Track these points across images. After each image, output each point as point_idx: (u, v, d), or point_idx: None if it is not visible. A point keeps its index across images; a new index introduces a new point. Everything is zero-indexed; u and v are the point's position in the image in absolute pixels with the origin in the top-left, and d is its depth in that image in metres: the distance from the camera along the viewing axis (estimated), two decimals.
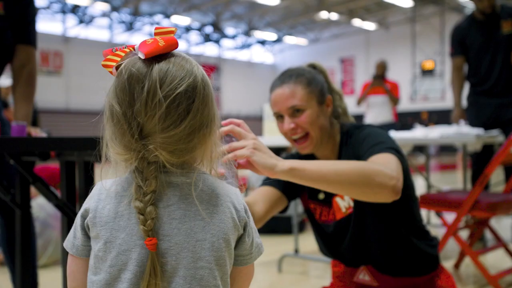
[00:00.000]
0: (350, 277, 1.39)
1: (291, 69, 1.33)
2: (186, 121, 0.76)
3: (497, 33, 3.68)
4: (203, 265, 0.77)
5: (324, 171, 0.99)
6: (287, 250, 3.38)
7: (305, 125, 1.27)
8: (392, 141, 1.24)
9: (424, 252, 1.31)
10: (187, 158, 0.80)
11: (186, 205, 0.78)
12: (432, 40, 23.03)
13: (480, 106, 3.81)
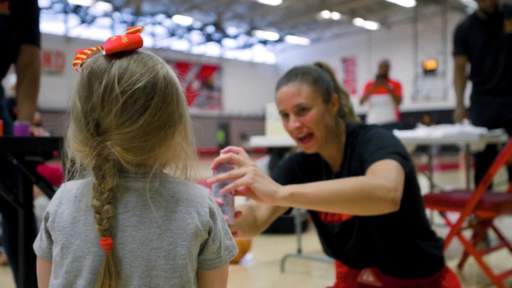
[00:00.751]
0: (354, 277, 1.38)
1: (297, 67, 1.32)
2: (143, 118, 0.74)
3: (500, 32, 3.67)
4: (158, 273, 0.75)
5: (324, 193, 1.00)
6: (290, 250, 3.37)
7: (310, 124, 1.26)
8: (396, 144, 1.22)
9: (429, 254, 1.31)
10: (145, 158, 0.77)
11: (142, 212, 0.77)
12: (434, 40, 23.01)
13: (483, 106, 3.80)
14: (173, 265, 0.76)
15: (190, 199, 0.80)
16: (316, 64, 1.37)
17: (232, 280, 2.91)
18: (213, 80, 30.26)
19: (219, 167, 1.01)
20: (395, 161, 1.15)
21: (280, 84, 1.31)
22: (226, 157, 1.00)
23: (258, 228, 1.26)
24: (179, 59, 29.57)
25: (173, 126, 0.79)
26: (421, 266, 1.30)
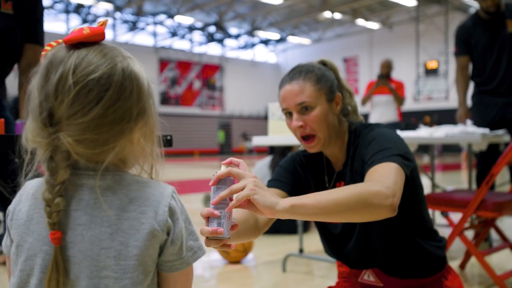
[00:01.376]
0: (355, 277, 1.38)
1: (301, 65, 1.32)
2: (96, 110, 0.72)
3: (502, 32, 3.66)
4: (107, 274, 0.73)
5: (323, 203, 0.99)
6: (291, 249, 3.37)
7: (313, 124, 1.26)
8: (398, 144, 1.20)
9: (431, 253, 1.30)
10: (98, 152, 0.75)
11: (93, 210, 0.74)
12: (436, 40, 22.98)
13: (485, 106, 3.79)
14: (123, 266, 0.73)
15: (147, 198, 0.77)
16: (320, 62, 1.36)
17: (234, 280, 2.91)
18: (214, 80, 30.26)
19: (219, 181, 0.99)
20: (394, 163, 1.14)
21: (283, 82, 1.30)
22: (224, 172, 0.99)
23: (260, 230, 1.25)
24: (181, 58, 29.57)
25: (132, 122, 0.76)
26: (423, 266, 1.30)
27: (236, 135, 30.99)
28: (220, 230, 0.95)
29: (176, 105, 29.41)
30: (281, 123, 2.87)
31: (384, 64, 6.20)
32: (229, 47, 31.23)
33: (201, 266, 3.29)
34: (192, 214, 3.19)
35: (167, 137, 1.53)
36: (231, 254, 3.20)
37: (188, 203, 6.52)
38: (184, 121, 29.08)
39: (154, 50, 28.41)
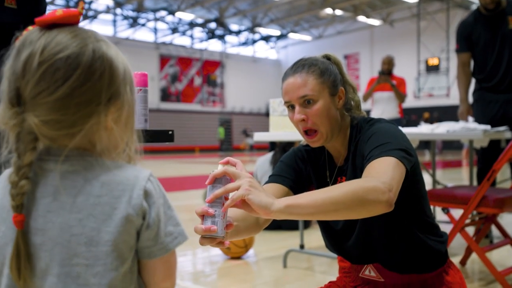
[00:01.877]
0: (356, 272, 1.38)
1: (305, 59, 1.31)
2: (62, 90, 0.70)
3: (503, 29, 3.65)
4: (79, 261, 0.71)
5: (319, 202, 0.99)
6: (292, 245, 3.37)
7: (315, 118, 1.25)
8: (398, 139, 1.20)
9: (432, 248, 1.30)
10: (65, 135, 0.72)
11: (63, 196, 0.72)
12: (437, 37, 22.95)
13: (487, 103, 3.79)
14: (95, 252, 0.71)
15: (120, 182, 0.74)
16: (324, 56, 1.35)
17: (234, 275, 2.91)
18: (215, 76, 30.23)
19: (215, 180, 1.00)
20: (393, 157, 1.13)
21: (286, 75, 1.30)
22: (220, 171, 0.99)
23: (260, 226, 1.24)
24: (181, 55, 29.54)
25: (102, 105, 0.73)
26: (424, 261, 1.29)
27: (236, 131, 30.99)
28: (213, 228, 0.95)
29: (176, 101, 29.40)
30: (282, 119, 2.87)
31: (386, 61, 6.18)
32: (230, 43, 31.20)
33: (201, 261, 3.29)
34: (191, 211, 3.21)
35: (168, 132, 1.53)
36: (232, 250, 3.21)
37: (188, 200, 6.53)
38: (185, 117, 29.07)
39: (154, 46, 28.38)
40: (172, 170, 13.72)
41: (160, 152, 26.23)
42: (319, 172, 1.39)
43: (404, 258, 1.28)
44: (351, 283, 1.40)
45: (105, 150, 0.77)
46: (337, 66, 1.33)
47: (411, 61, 23.80)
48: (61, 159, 0.73)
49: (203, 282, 2.78)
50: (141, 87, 1.51)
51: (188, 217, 5.18)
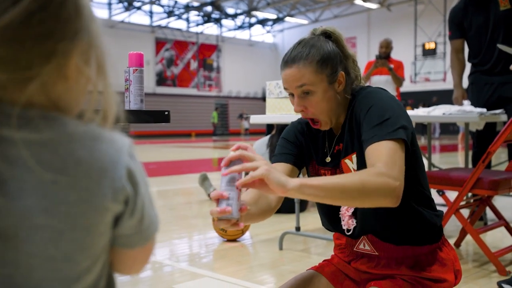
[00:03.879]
0: (351, 247, 1.39)
1: (303, 44, 1.27)
2: (13, 13, 0.54)
3: (495, 11, 3.64)
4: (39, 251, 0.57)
5: (329, 187, 1.05)
6: (288, 228, 3.39)
7: (314, 108, 1.26)
8: (396, 111, 1.20)
9: (427, 220, 1.30)
10: (19, 80, 0.55)
11: (26, 174, 0.55)
12: (434, 21, 22.85)
13: (482, 85, 3.79)
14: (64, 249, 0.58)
15: (99, 159, 0.59)
16: (323, 32, 1.31)
17: (231, 257, 2.93)
18: (211, 60, 30.08)
19: (230, 163, 1.04)
20: (395, 141, 1.14)
21: (285, 63, 1.28)
22: (236, 154, 1.03)
23: (272, 209, 1.29)
24: (177, 38, 29.35)
25: (66, 40, 0.58)
26: (419, 232, 1.30)
27: (233, 116, 30.96)
28: (228, 209, 0.99)
29: (172, 85, 29.29)
30: (279, 101, 2.86)
31: (383, 44, 6.12)
32: (226, 27, 31.00)
33: (197, 244, 3.31)
34: (187, 194, 3.22)
35: (164, 112, 1.52)
36: (228, 232, 3.22)
37: (184, 183, 6.54)
38: (181, 102, 28.98)
39: (150, 30, 28.17)
40: (168, 154, 13.72)
41: (157, 136, 26.21)
42: (318, 143, 1.39)
43: (399, 228, 1.29)
44: (346, 258, 1.42)
45: (71, 106, 0.61)
46: (337, 42, 1.30)
47: (408, 45, 23.73)
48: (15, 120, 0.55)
49: (199, 264, 2.80)
50: (137, 67, 1.50)
51: (184, 200, 5.20)
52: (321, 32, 1.31)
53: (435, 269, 1.29)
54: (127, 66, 1.50)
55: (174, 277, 2.56)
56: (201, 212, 4.43)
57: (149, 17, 28.11)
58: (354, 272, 1.39)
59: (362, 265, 1.35)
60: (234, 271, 2.63)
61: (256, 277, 2.54)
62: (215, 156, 13.31)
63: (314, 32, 1.32)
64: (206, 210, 4.47)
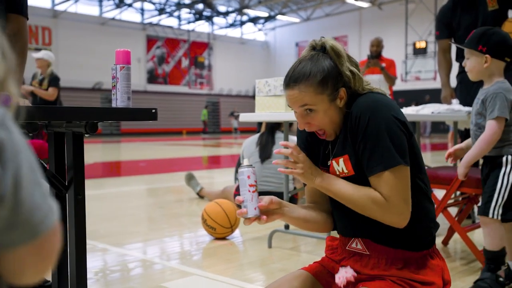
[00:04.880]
0: (343, 246, 1.39)
1: (304, 64, 1.28)
2: None
3: (483, 11, 3.66)
4: None
5: (340, 197, 1.29)
6: (277, 226, 3.39)
7: (318, 123, 1.30)
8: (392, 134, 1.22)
9: (422, 229, 1.31)
10: None
11: None
12: (425, 20, 22.96)
13: (470, 84, 3.81)
14: None
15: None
16: (321, 47, 1.31)
17: (220, 255, 2.93)
18: (203, 58, 30.00)
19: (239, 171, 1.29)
20: (397, 168, 1.22)
21: (286, 84, 1.30)
22: (288, 152, 1.28)
23: (328, 226, 1.45)
24: (169, 36, 29.24)
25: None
26: (412, 238, 1.30)
27: (224, 114, 30.91)
28: (244, 211, 1.23)
29: (164, 83, 29.19)
30: (268, 99, 2.86)
31: (374, 43, 6.10)
32: (218, 25, 30.92)
33: (187, 242, 3.31)
34: (178, 192, 3.22)
35: (151, 110, 1.52)
36: (217, 230, 3.22)
37: (175, 182, 6.52)
38: (172, 99, 28.90)
39: (141, 27, 28.04)
40: (159, 152, 13.68)
41: (148, 134, 26.11)
42: (319, 144, 1.42)
43: (393, 232, 1.29)
44: (336, 257, 1.42)
45: None
46: (336, 56, 1.29)
47: (398, 44, 23.81)
48: None
49: (188, 262, 2.80)
50: (124, 64, 1.50)
51: (175, 198, 5.19)
52: (320, 47, 1.31)
53: (424, 272, 1.30)
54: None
55: (163, 275, 2.55)
56: (191, 210, 4.42)
57: (140, 15, 27.97)
58: None
59: (353, 263, 1.36)
60: (223, 269, 2.63)
61: (245, 275, 2.54)
62: (205, 154, 13.29)
63: (314, 45, 1.32)
64: (196, 208, 4.46)
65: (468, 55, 2.20)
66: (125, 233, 3.52)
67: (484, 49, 2.14)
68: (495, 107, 2.07)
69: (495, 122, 2.07)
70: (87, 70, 24.50)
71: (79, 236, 1.50)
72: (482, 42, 2.15)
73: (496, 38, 2.14)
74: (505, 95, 2.08)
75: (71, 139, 1.50)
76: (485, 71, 2.16)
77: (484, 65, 2.15)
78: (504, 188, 2.12)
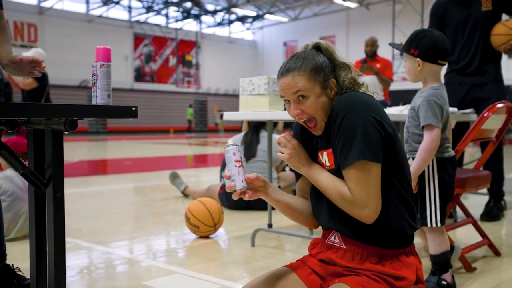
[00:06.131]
0: (324, 239, 1.43)
1: (297, 56, 1.38)
2: None
3: (476, 11, 3.69)
4: None
5: (319, 186, 1.36)
6: (261, 225, 3.39)
7: (309, 110, 1.36)
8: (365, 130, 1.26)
9: (397, 229, 1.32)
10: None
11: None
12: (412, 21, 23.10)
13: (456, 85, 3.85)
14: None
15: None
16: (315, 45, 1.41)
17: (203, 253, 2.93)
18: (190, 56, 29.91)
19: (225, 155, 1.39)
20: (364, 164, 1.26)
21: (280, 74, 1.38)
22: (280, 137, 1.41)
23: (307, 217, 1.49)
24: (156, 34, 29.10)
25: None
26: (387, 237, 1.32)
27: (211, 112, 30.85)
28: (232, 184, 1.32)
29: (151, 82, 29.06)
30: (252, 98, 2.86)
31: (369, 43, 5.96)
32: (206, 23, 30.84)
33: (171, 240, 3.30)
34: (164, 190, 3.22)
35: (132, 107, 1.51)
36: (201, 229, 3.22)
37: (161, 180, 6.50)
38: (159, 98, 28.78)
39: (129, 25, 27.88)
40: (146, 150, 13.62)
41: (135, 132, 25.97)
42: (313, 139, 1.47)
43: (368, 230, 1.32)
44: (314, 251, 1.45)
45: None
46: (328, 53, 1.39)
47: (386, 44, 23.93)
48: None
49: (171, 261, 2.79)
50: (104, 62, 1.49)
51: (161, 196, 5.17)
52: (312, 46, 1.41)
53: (397, 267, 1.32)
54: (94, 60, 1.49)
55: (146, 273, 2.55)
56: (176, 209, 4.41)
57: (128, 12, 27.81)
58: (320, 267, 1.41)
59: (330, 255, 1.39)
60: (206, 267, 2.63)
61: (228, 273, 2.54)
62: (192, 153, 13.26)
63: (306, 47, 1.43)
64: (181, 206, 4.45)
65: (405, 58, 2.20)
66: (109, 231, 3.51)
67: (415, 53, 2.13)
68: (427, 115, 2.04)
69: (429, 130, 2.04)
70: (73, 67, 24.31)
71: (58, 234, 1.49)
72: (414, 45, 2.13)
73: (426, 41, 2.10)
74: (435, 102, 2.06)
75: (50, 137, 1.49)
76: (420, 75, 2.15)
77: (417, 68, 2.13)
78: (433, 193, 2.11)
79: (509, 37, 3.56)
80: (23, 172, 1.49)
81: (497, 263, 2.70)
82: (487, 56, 3.71)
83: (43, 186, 1.51)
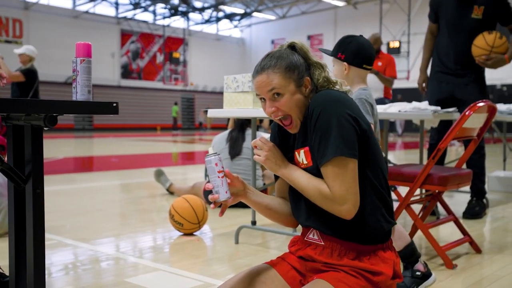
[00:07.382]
0: (303, 236, 1.44)
1: (271, 54, 1.39)
2: None
3: (466, 16, 3.72)
4: None
5: (297, 186, 1.36)
6: (245, 222, 3.40)
7: (284, 107, 1.36)
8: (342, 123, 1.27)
9: (373, 224, 1.34)
10: None
11: None
12: (399, 20, 23.24)
13: (438, 82, 3.90)
14: None
15: None
16: (290, 45, 1.42)
17: (187, 251, 2.93)
18: (178, 54, 29.78)
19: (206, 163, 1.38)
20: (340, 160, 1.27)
21: (255, 72, 1.40)
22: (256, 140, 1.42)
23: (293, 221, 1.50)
24: (144, 31, 28.93)
25: None
26: (363, 233, 1.34)
27: (199, 110, 30.77)
28: (216, 196, 1.32)
29: (138, 79, 28.89)
30: (236, 95, 2.86)
31: (372, 40, 5.55)
32: (193, 20, 30.73)
33: (155, 237, 3.29)
34: (150, 188, 3.23)
35: (112, 104, 1.50)
36: (185, 226, 3.21)
37: (148, 177, 6.47)
38: (146, 95, 28.63)
39: (116, 21, 27.68)
40: (132, 148, 13.55)
41: (121, 130, 25.82)
42: (290, 138, 1.48)
43: (344, 226, 1.33)
44: (294, 247, 1.47)
45: None
46: (303, 52, 1.40)
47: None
48: None
49: (155, 257, 2.79)
50: (84, 57, 1.48)
51: (147, 193, 5.15)
52: (287, 46, 1.43)
53: (375, 262, 1.34)
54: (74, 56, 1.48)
55: (129, 270, 2.54)
56: (161, 206, 4.40)
57: (115, 8, 27.61)
58: (300, 263, 1.42)
59: (309, 251, 1.41)
60: (189, 264, 2.63)
61: (212, 270, 2.54)
62: (178, 150, 13.22)
63: (281, 47, 1.44)
64: (166, 204, 4.44)
65: (333, 62, 2.25)
66: (94, 228, 3.49)
67: (342, 57, 2.19)
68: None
69: None
70: (59, 64, 24.08)
71: (37, 230, 1.48)
72: (341, 50, 2.20)
73: (352, 46, 2.17)
74: (365, 100, 2.14)
75: (30, 132, 1.48)
76: (347, 78, 2.21)
77: (344, 72, 2.20)
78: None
79: (484, 51, 3.60)
80: (2, 168, 1.48)
81: (478, 260, 2.73)
82: (470, 58, 3.74)
83: (23, 183, 1.50)
